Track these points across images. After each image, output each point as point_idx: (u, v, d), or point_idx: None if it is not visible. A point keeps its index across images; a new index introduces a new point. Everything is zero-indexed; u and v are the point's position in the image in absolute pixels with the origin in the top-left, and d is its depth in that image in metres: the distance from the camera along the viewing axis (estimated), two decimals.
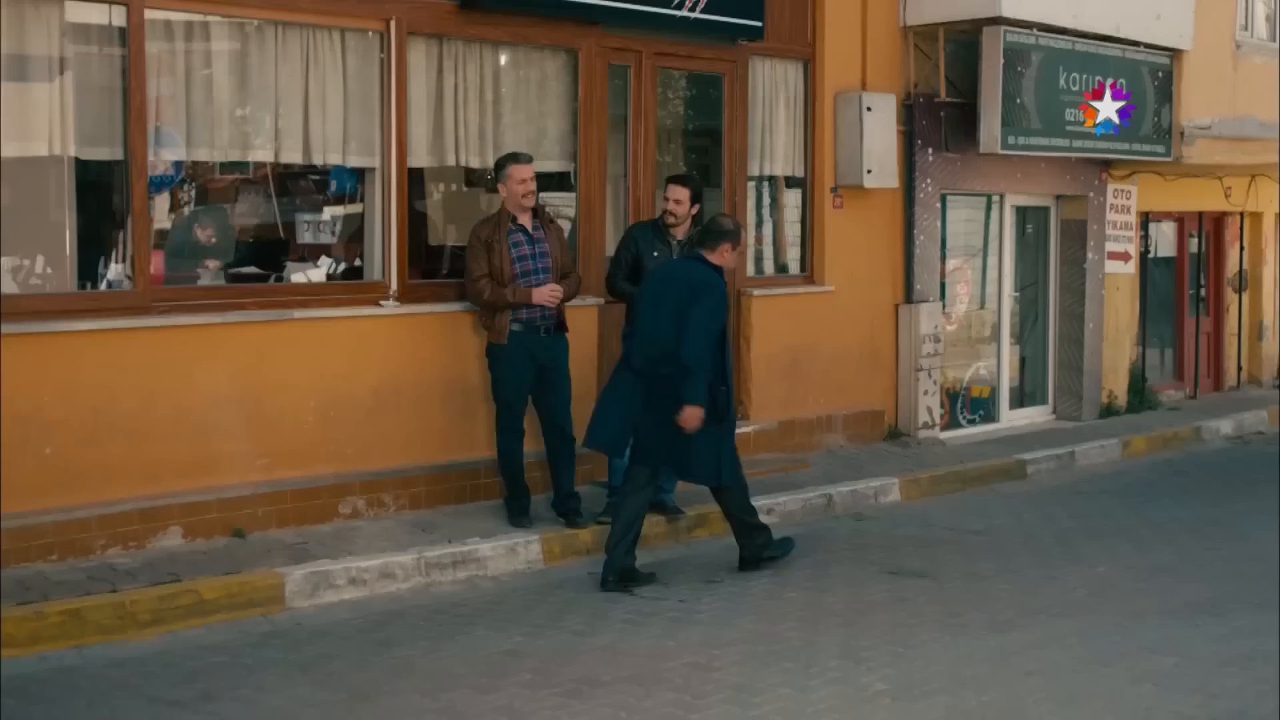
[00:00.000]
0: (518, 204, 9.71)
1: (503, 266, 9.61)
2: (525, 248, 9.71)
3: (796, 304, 12.68)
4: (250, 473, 9.23)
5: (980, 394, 15.12)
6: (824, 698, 6.81)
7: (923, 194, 13.79)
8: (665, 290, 9.15)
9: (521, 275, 9.66)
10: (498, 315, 9.67)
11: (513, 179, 9.68)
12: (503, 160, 9.86)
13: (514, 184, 9.68)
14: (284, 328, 9.39)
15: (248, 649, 7.45)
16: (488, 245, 9.64)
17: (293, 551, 8.77)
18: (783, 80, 12.81)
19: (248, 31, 9.47)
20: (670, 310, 8.98)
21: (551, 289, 9.69)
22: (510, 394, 9.77)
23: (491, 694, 6.80)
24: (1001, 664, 7.36)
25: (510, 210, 9.72)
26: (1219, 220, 18.72)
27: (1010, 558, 9.85)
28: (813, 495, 11.18)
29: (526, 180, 9.70)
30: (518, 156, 9.86)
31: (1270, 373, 19.47)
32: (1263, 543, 10.43)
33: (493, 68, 10.71)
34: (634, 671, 7.15)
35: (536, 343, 9.74)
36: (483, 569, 9.07)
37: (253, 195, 10.81)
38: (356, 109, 9.92)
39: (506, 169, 9.73)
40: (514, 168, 9.71)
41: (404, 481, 9.91)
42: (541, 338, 9.76)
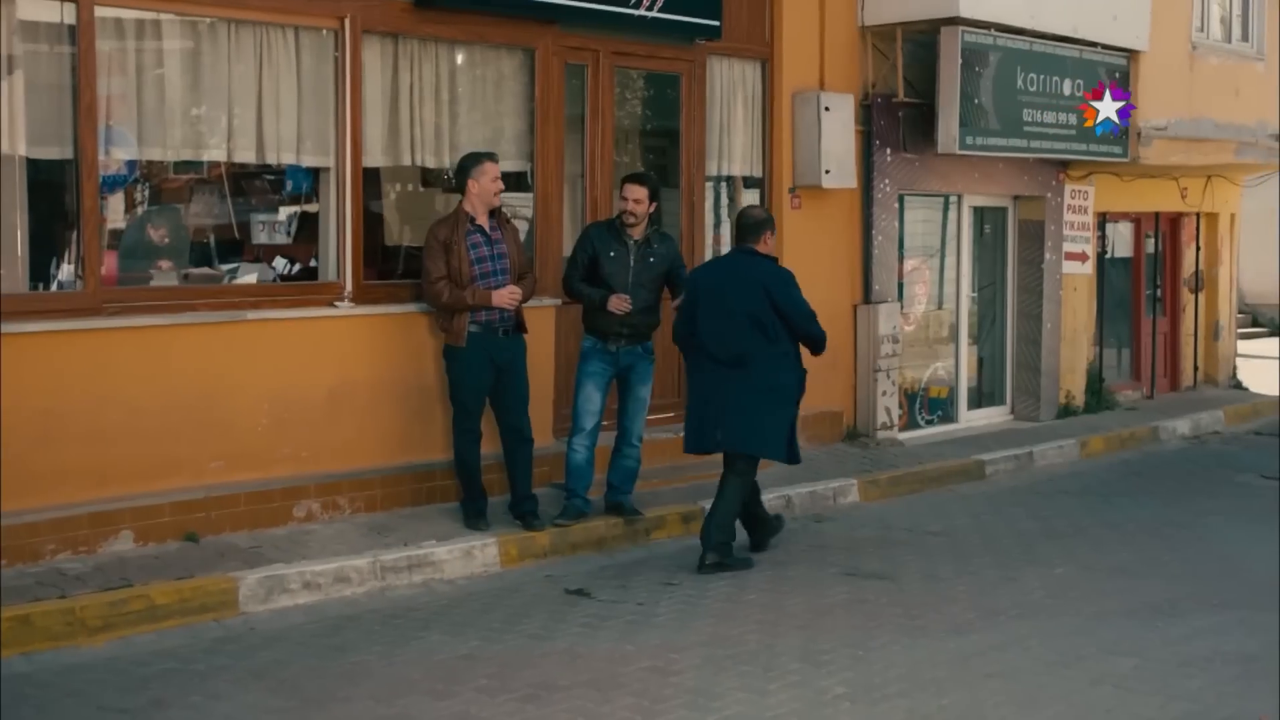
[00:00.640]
0: (488, 202, 9.62)
1: (461, 268, 9.52)
2: (484, 249, 9.62)
3: None
4: (203, 475, 9.12)
5: (939, 394, 15.11)
6: (783, 701, 6.76)
7: (881, 194, 13.77)
8: (728, 290, 9.36)
9: (480, 277, 9.57)
10: (456, 317, 9.58)
11: (486, 176, 9.58)
12: (475, 157, 9.74)
13: (487, 181, 9.58)
14: (237, 329, 9.29)
15: (200, 655, 7.36)
16: (446, 246, 9.54)
17: (246, 555, 8.66)
18: (740, 80, 12.76)
19: (200, 29, 9.36)
20: (740, 308, 9.26)
21: (511, 291, 9.61)
22: (468, 396, 9.68)
23: (447, 699, 6.73)
24: (961, 666, 7.33)
25: (470, 210, 9.62)
26: (1175, 221, 18.77)
27: (969, 559, 9.83)
28: (771, 496, 11.06)
29: (499, 178, 9.64)
30: (490, 155, 9.80)
31: (1226, 373, 19.55)
32: (1220, 543, 10.45)
33: (449, 67, 10.62)
34: (592, 676, 7.09)
35: (495, 344, 9.66)
36: (439, 572, 8.98)
37: (207, 196, 10.67)
38: (311, 108, 9.82)
39: (480, 165, 9.62)
40: (489, 165, 9.63)
41: (359, 484, 9.81)
42: (500, 339, 9.68)
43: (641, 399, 10.31)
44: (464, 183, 9.67)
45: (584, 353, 10.24)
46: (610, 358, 10.16)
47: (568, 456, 10.17)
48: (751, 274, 9.41)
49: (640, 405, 10.32)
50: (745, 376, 9.32)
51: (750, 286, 9.32)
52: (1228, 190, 19.18)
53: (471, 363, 9.60)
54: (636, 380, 10.26)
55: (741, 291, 9.33)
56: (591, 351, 10.19)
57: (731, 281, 9.43)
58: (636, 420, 10.33)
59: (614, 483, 10.38)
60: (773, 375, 9.38)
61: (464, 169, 9.72)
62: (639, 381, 10.27)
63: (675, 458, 11.67)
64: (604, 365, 10.18)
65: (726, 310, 9.35)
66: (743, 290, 9.32)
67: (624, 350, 10.16)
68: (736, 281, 9.40)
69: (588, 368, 10.20)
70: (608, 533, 10.00)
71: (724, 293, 9.40)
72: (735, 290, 9.35)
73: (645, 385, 10.34)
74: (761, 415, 9.40)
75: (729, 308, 9.34)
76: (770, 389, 9.40)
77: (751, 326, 9.28)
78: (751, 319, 9.27)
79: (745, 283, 9.35)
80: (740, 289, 9.34)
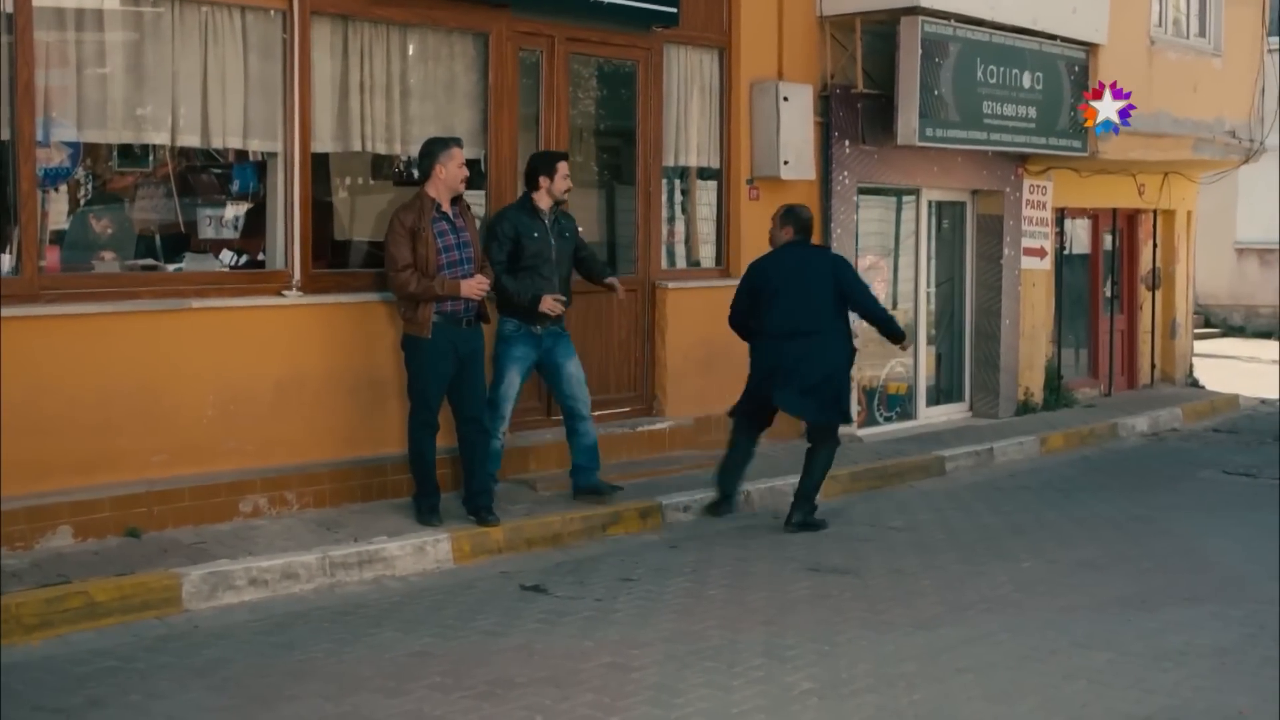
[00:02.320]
0: (453, 188, 9.36)
1: (429, 256, 9.22)
2: (450, 237, 9.34)
3: (712, 297, 12.32)
4: (145, 469, 8.82)
5: (897, 391, 14.94)
6: (749, 697, 6.53)
7: (839, 187, 13.58)
8: (801, 276, 10.33)
9: (447, 266, 9.28)
10: (421, 307, 9.28)
11: (453, 161, 9.32)
12: (442, 142, 9.47)
13: (454, 167, 9.32)
14: (181, 317, 9.00)
15: (141, 653, 7.07)
16: (413, 233, 9.25)
17: (190, 551, 8.39)
18: (698, 69, 12.54)
19: (143, 11, 9.06)
20: (814, 290, 10.29)
21: (479, 281, 9.36)
22: (429, 387, 9.39)
23: (399, 697, 6.47)
24: (931, 661, 7.12)
25: (435, 196, 9.32)
26: (1132, 218, 18.68)
27: (933, 554, 9.64)
28: None
29: (464, 164, 9.42)
30: (457, 140, 9.58)
31: (1183, 371, 19.47)
32: (1186, 537, 10.30)
33: (400, 51, 10.35)
34: (550, 673, 6.85)
35: (458, 335, 9.38)
36: (390, 569, 8.72)
37: (152, 189, 10.39)
38: (258, 92, 9.55)
39: (448, 150, 9.35)
40: (456, 150, 9.39)
41: (307, 478, 9.54)
42: (462, 330, 9.41)
43: (577, 375, 10.20)
44: (429, 168, 9.36)
45: (506, 337, 10.02)
46: (534, 341, 10.03)
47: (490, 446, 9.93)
48: (823, 260, 10.59)
49: (580, 380, 10.21)
50: (821, 353, 10.28)
51: (822, 271, 10.41)
52: (1185, 187, 19.11)
53: (435, 353, 9.31)
54: (564, 357, 10.14)
55: (817, 276, 10.35)
56: (515, 336, 10.00)
57: (806, 268, 10.40)
58: (582, 394, 10.21)
59: (582, 464, 10.22)
60: (840, 351, 10.44)
61: (430, 154, 9.40)
62: (567, 358, 10.16)
63: (631, 453, 11.48)
64: (529, 350, 10.04)
65: (805, 293, 10.29)
66: (818, 275, 10.36)
67: (546, 332, 10.05)
68: (810, 268, 10.41)
69: (513, 352, 10.00)
70: (564, 528, 9.76)
71: (801, 278, 10.33)
72: (812, 275, 10.36)
73: (574, 359, 10.25)
74: (835, 388, 10.48)
75: (807, 291, 10.29)
76: (838, 365, 10.44)
77: (824, 307, 10.29)
78: (825, 300, 10.29)
79: (818, 268, 10.43)
80: (816, 274, 10.37)
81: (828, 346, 10.31)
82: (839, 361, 10.43)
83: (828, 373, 10.34)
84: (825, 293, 10.31)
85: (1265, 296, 28.14)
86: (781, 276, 10.40)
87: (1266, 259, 28.09)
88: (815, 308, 10.28)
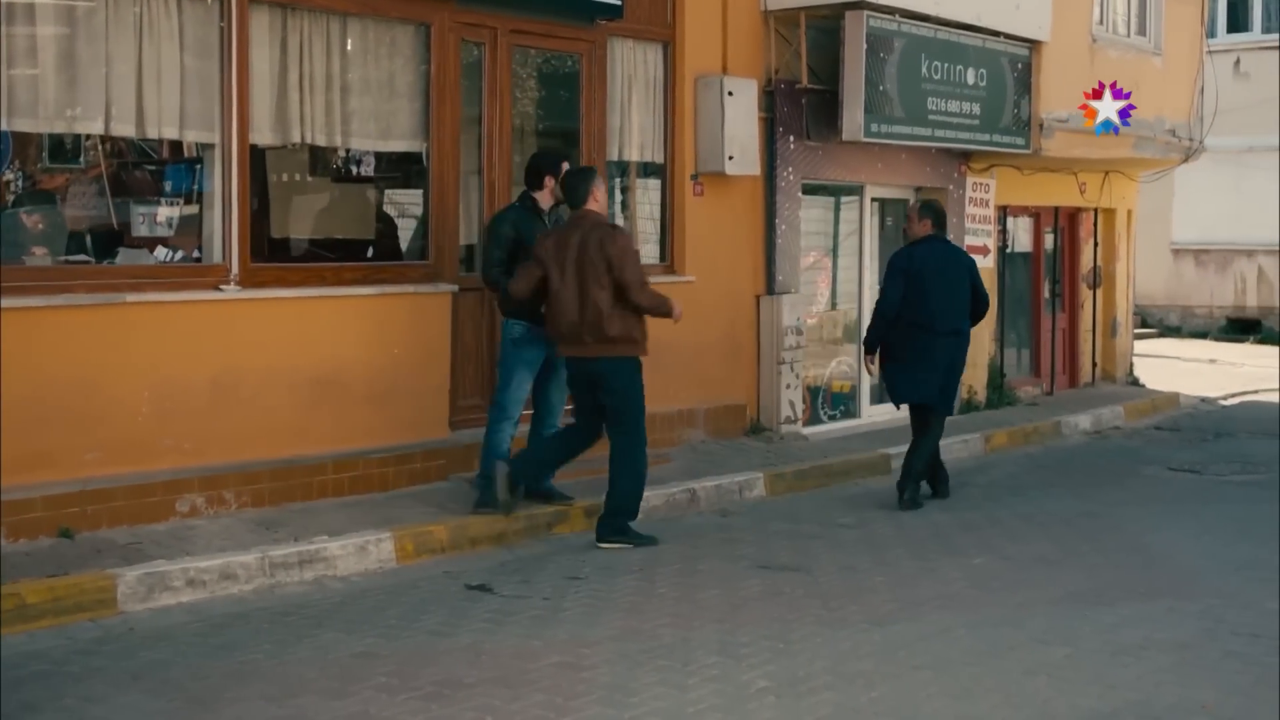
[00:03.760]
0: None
1: None
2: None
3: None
4: (79, 468, 8.58)
5: (841, 389, 14.83)
6: (704, 696, 6.38)
7: (784, 183, 13.46)
8: (947, 272, 11.08)
9: None
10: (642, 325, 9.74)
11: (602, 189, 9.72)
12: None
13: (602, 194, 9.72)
14: (116, 312, 8.77)
15: (75, 656, 6.85)
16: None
17: (125, 552, 8.17)
18: (642, 63, 12.38)
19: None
20: (957, 286, 11.08)
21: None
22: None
23: (344, 699, 6.28)
24: (888, 658, 6.99)
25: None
26: (1074, 216, 18.68)
27: (884, 551, 9.51)
28: (676, 490, 10.77)
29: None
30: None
31: (1124, 370, 19.49)
32: (1136, 533, 10.23)
33: (340, 40, 10.13)
34: (499, 672, 6.67)
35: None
36: (331, 569, 8.52)
37: (85, 188, 10.11)
38: (195, 81, 9.31)
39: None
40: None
41: (246, 477, 9.31)
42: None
43: (565, 380, 10.04)
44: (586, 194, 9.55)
45: (516, 339, 9.83)
46: (543, 343, 9.84)
47: (494, 444, 9.78)
48: (960, 257, 11.41)
49: (565, 386, 10.06)
50: (957, 347, 11.19)
51: (962, 267, 11.23)
52: (1125, 186, 19.14)
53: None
54: (560, 361, 9.95)
55: (958, 274, 11.15)
56: (525, 338, 9.81)
57: (950, 265, 11.17)
58: (562, 400, 10.12)
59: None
60: (966, 346, 11.36)
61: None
62: (563, 363, 9.96)
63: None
64: (539, 352, 9.88)
65: (950, 290, 11.05)
66: (958, 270, 11.17)
67: None
68: (953, 265, 11.20)
69: (524, 355, 9.82)
70: (508, 527, 9.58)
71: (946, 275, 11.07)
72: (954, 273, 11.14)
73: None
74: (954, 380, 11.36)
75: (952, 287, 11.06)
76: (961, 360, 11.38)
77: (964, 304, 11.13)
78: (964, 297, 11.12)
79: (960, 264, 11.25)
80: (957, 272, 11.16)
81: (961, 343, 11.21)
82: (961, 358, 11.32)
83: (951, 371, 11.22)
84: (965, 289, 11.10)
85: (1201, 297, 28.31)
86: (928, 272, 11.03)
87: (1202, 260, 28.24)
88: (958, 304, 11.09)
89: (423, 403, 10.32)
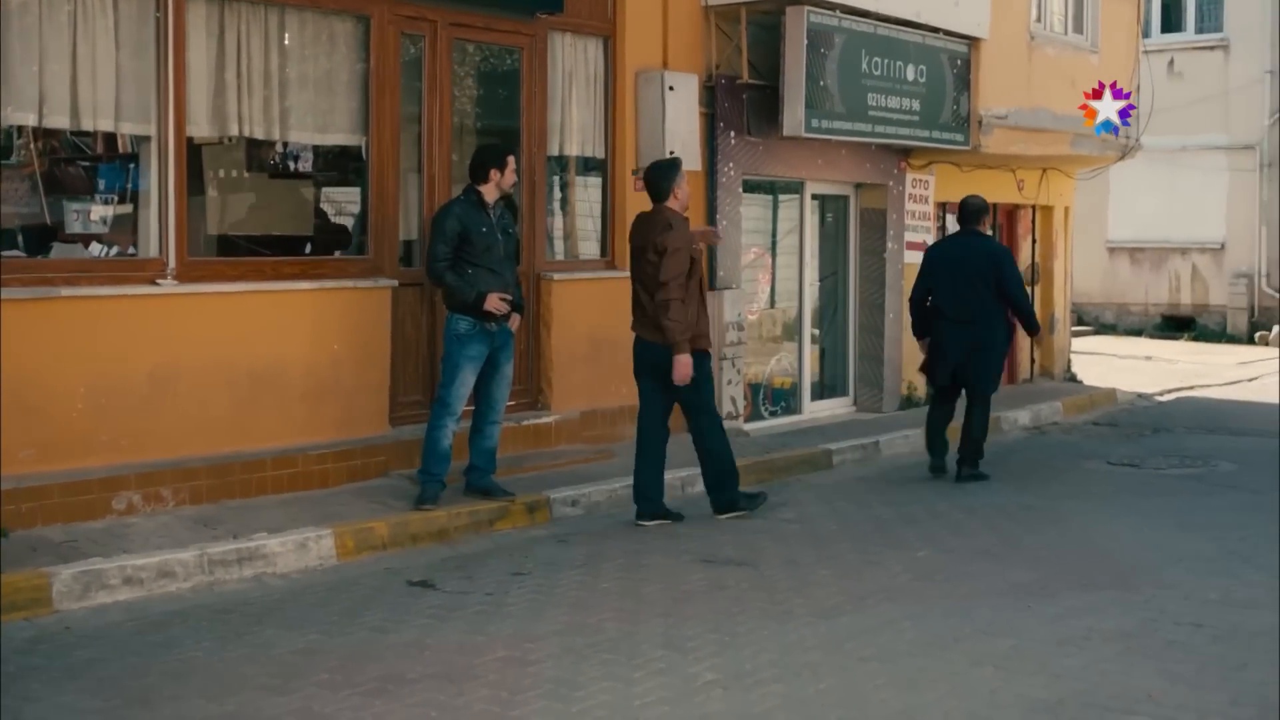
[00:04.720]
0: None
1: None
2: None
3: (597, 289, 12.16)
4: (12, 465, 8.43)
5: (782, 385, 14.82)
6: (651, 689, 6.33)
7: (725, 178, 13.43)
8: (965, 263, 11.82)
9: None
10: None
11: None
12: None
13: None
14: (49, 306, 8.63)
15: (10, 656, 6.71)
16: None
17: (61, 550, 8.05)
18: (583, 57, 12.31)
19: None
20: (976, 277, 11.77)
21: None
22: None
23: (285, 695, 6.19)
24: (834, 650, 6.96)
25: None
26: (1012, 213, 18.74)
27: (828, 545, 9.49)
28: (619, 486, 10.67)
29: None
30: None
31: (1062, 366, 19.58)
32: (1078, 526, 10.25)
33: (279, 33, 10.02)
34: (443, 668, 6.60)
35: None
36: (271, 566, 8.42)
37: (17, 184, 9.93)
38: (130, 73, 9.19)
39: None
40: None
41: (184, 474, 9.20)
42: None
43: (509, 377, 10.12)
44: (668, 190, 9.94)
45: (461, 336, 9.76)
46: (488, 338, 9.84)
47: (435, 440, 9.72)
48: (985, 249, 12.01)
49: (508, 381, 10.10)
50: (979, 331, 11.83)
51: (983, 259, 11.84)
52: (1063, 183, 19.23)
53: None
54: (505, 358, 10.04)
55: (977, 263, 11.78)
56: (471, 334, 9.75)
57: (971, 256, 11.85)
58: (504, 397, 10.11)
59: (479, 464, 10.00)
60: (995, 330, 11.97)
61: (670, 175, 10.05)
62: (507, 359, 10.08)
63: (517, 447, 11.21)
64: (483, 348, 9.85)
65: (966, 279, 11.75)
66: (978, 262, 11.79)
67: (500, 329, 9.90)
68: (975, 256, 11.85)
69: (469, 351, 9.76)
70: (450, 524, 9.51)
71: (963, 265, 11.80)
72: (974, 263, 11.78)
73: (511, 361, 10.16)
74: (991, 362, 12.09)
75: (969, 277, 11.74)
76: (993, 342, 12.01)
77: (984, 292, 11.73)
78: (984, 286, 11.72)
79: (981, 256, 11.86)
80: (976, 262, 11.79)
81: (983, 329, 11.80)
82: (991, 341, 11.92)
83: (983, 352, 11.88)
84: (986, 279, 11.70)
85: (1136, 295, 28.51)
86: (946, 262, 11.95)
87: (1137, 258, 28.45)
88: (975, 292, 11.71)
89: (363, 399, 10.23)
